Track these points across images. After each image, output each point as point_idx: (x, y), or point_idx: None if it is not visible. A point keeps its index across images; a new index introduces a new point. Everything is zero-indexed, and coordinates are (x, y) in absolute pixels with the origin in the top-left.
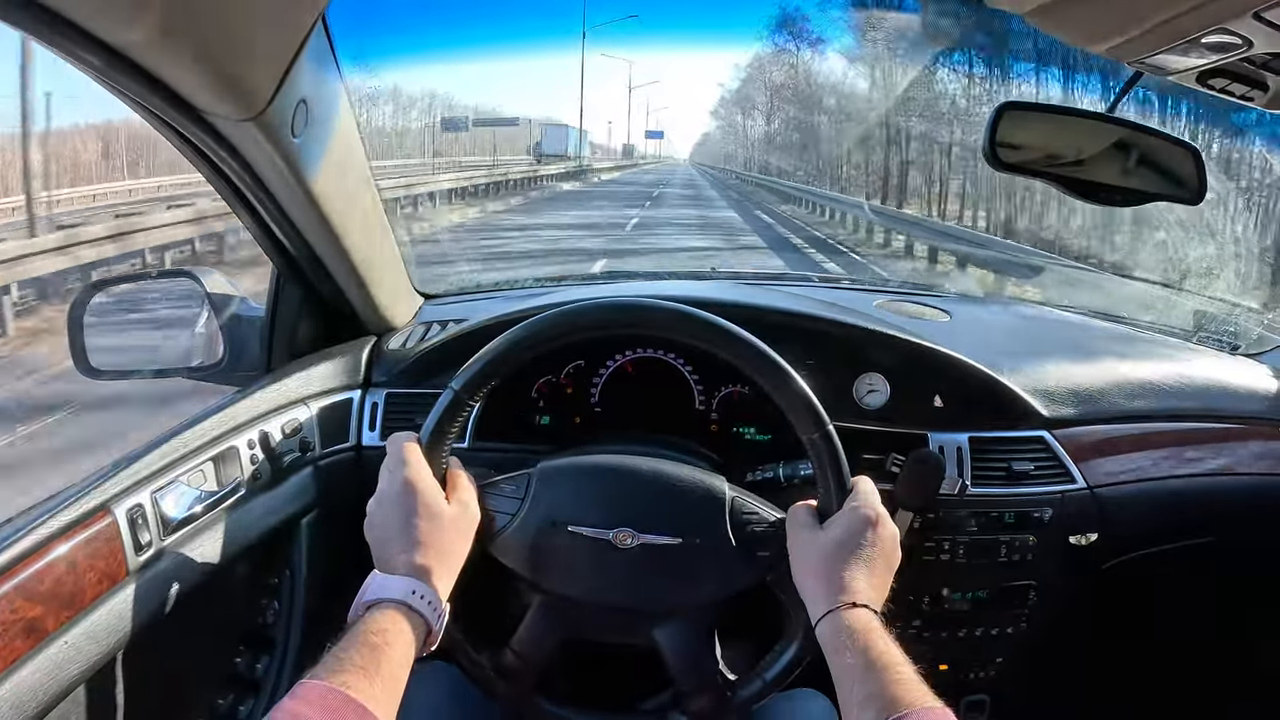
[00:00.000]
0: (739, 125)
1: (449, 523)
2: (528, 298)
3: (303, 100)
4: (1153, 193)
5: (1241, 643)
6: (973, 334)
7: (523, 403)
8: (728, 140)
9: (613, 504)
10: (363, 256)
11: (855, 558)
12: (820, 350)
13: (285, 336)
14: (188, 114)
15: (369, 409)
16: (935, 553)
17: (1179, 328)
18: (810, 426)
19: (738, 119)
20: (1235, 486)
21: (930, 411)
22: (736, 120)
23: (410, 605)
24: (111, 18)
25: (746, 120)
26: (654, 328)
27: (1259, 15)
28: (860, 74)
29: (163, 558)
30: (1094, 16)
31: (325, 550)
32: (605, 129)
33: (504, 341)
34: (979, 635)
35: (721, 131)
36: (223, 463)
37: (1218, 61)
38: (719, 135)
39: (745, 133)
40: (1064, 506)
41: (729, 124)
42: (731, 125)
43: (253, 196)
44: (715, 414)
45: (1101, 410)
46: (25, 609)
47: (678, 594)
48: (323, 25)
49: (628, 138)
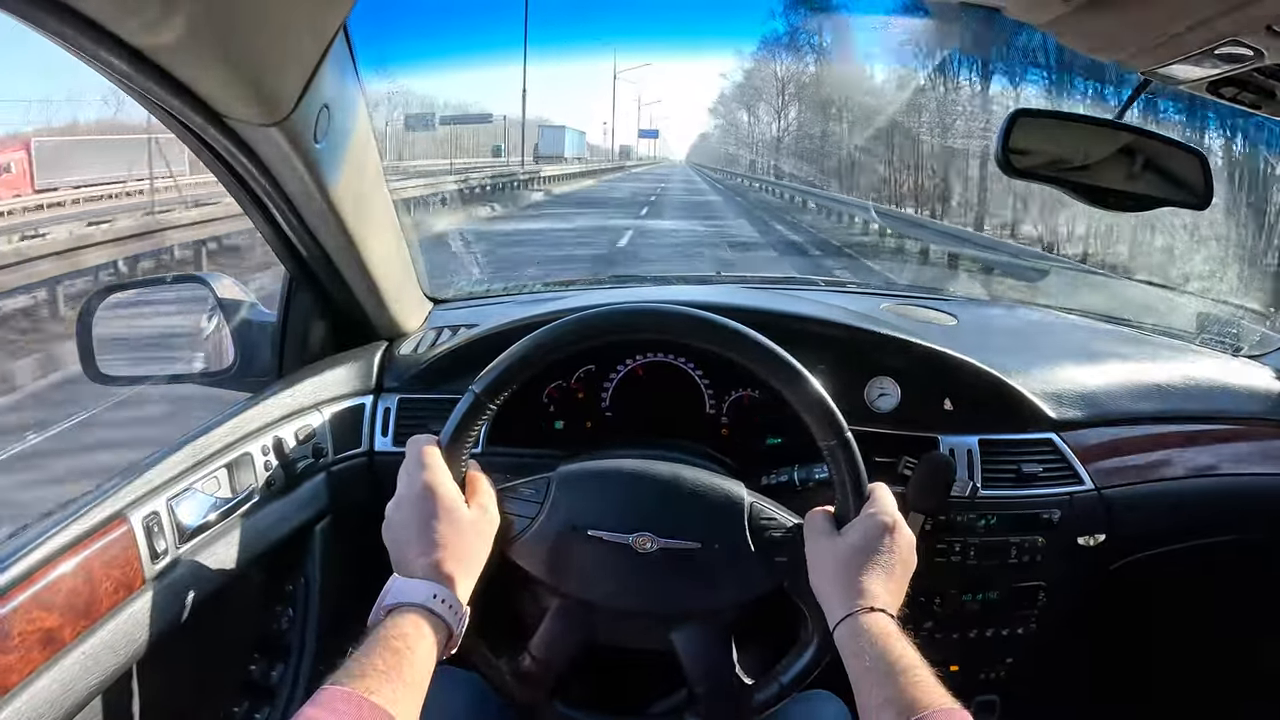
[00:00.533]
0: (742, 123)
1: (469, 526)
2: (537, 303)
3: (325, 106)
4: (1160, 198)
5: (1249, 642)
6: (980, 337)
7: (534, 408)
8: (727, 139)
9: (632, 508)
10: (376, 261)
11: (873, 563)
12: (832, 354)
13: (297, 342)
14: (211, 119)
15: (381, 414)
16: (946, 554)
17: (1182, 330)
18: (829, 433)
19: (741, 116)
20: (1241, 487)
21: (940, 414)
22: (740, 118)
23: (431, 609)
24: (139, 21)
25: (751, 118)
26: (675, 333)
27: (1271, 29)
28: (872, 81)
29: (178, 566)
30: (1109, 27)
31: (339, 556)
32: (601, 129)
33: (526, 345)
34: (989, 636)
35: (721, 131)
36: (237, 469)
37: (1229, 72)
38: (718, 135)
39: (750, 132)
40: (1072, 508)
41: (729, 122)
42: (733, 124)
43: (269, 201)
44: (726, 418)
45: (1108, 412)
46: (42, 619)
47: (696, 598)
48: (344, 32)
49: (607, 137)
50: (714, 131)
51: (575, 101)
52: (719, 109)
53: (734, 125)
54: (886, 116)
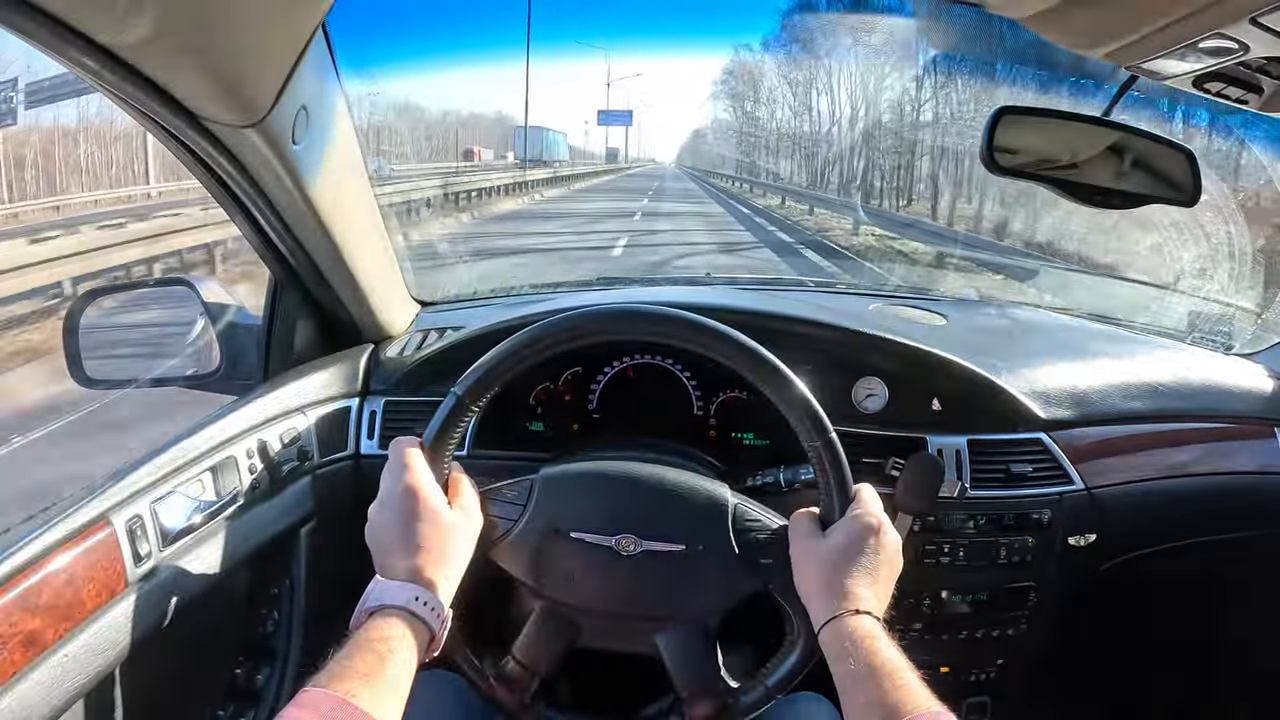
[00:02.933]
0: (727, 125)
1: (451, 528)
2: (524, 305)
3: (303, 107)
4: (1148, 195)
5: (1241, 641)
6: (969, 337)
7: (520, 410)
8: (716, 142)
9: (615, 510)
10: (360, 263)
11: (858, 565)
12: (819, 355)
13: (282, 345)
14: (188, 120)
15: (367, 417)
16: (935, 555)
17: (1174, 328)
18: (813, 434)
19: (726, 118)
20: (1232, 485)
21: (929, 415)
22: (730, 119)
23: (413, 611)
24: (108, 19)
25: (738, 118)
26: (656, 334)
27: (1256, 20)
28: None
29: (162, 569)
30: (1092, 22)
31: (325, 560)
32: (582, 131)
33: (507, 347)
34: (979, 637)
35: (714, 133)
36: (221, 472)
37: (1214, 66)
38: (711, 136)
39: (735, 133)
40: (1062, 508)
41: (721, 124)
42: (723, 125)
43: (251, 204)
44: (714, 419)
45: (1098, 412)
46: (25, 621)
47: (680, 601)
48: (323, 32)
49: (588, 139)
50: (702, 133)
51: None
52: (706, 111)
53: (718, 128)
54: (871, 116)
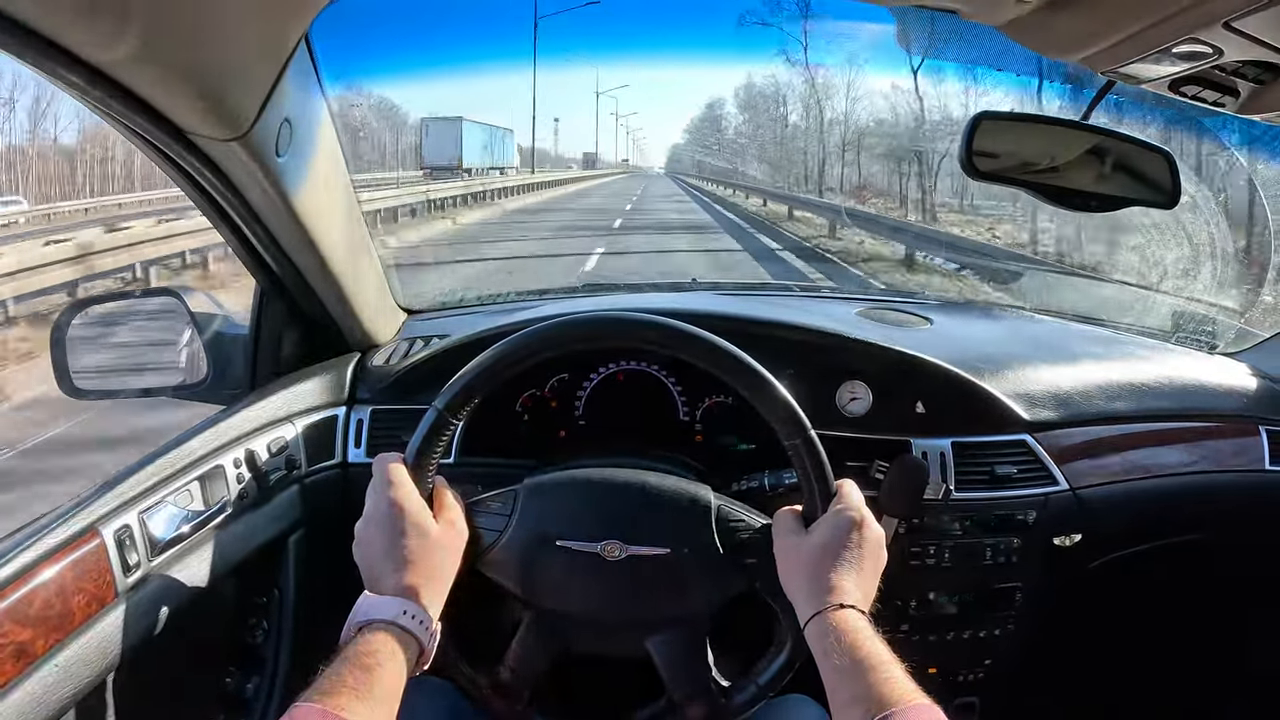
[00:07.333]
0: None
1: (437, 542)
2: (510, 312)
3: (286, 120)
4: (1127, 197)
5: (1226, 639)
6: (954, 340)
7: (507, 417)
8: (702, 148)
9: (600, 517)
10: (346, 273)
11: (841, 560)
12: (802, 359)
13: (269, 354)
14: (172, 134)
15: (354, 426)
16: (921, 557)
17: (1158, 329)
18: (792, 432)
19: (710, 125)
20: (1216, 484)
21: (913, 418)
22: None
23: (401, 625)
24: (91, 36)
25: (724, 125)
26: (635, 339)
27: (1229, 25)
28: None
29: (151, 579)
30: (1067, 28)
31: (313, 568)
32: (552, 127)
33: (485, 359)
34: (967, 638)
35: (695, 139)
36: (209, 482)
37: (1189, 70)
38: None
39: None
40: (1047, 508)
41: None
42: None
43: (236, 215)
44: (700, 424)
45: (1082, 412)
46: (15, 632)
47: (668, 603)
48: (306, 45)
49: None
50: (687, 141)
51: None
52: (693, 118)
53: (706, 134)
54: (852, 124)
